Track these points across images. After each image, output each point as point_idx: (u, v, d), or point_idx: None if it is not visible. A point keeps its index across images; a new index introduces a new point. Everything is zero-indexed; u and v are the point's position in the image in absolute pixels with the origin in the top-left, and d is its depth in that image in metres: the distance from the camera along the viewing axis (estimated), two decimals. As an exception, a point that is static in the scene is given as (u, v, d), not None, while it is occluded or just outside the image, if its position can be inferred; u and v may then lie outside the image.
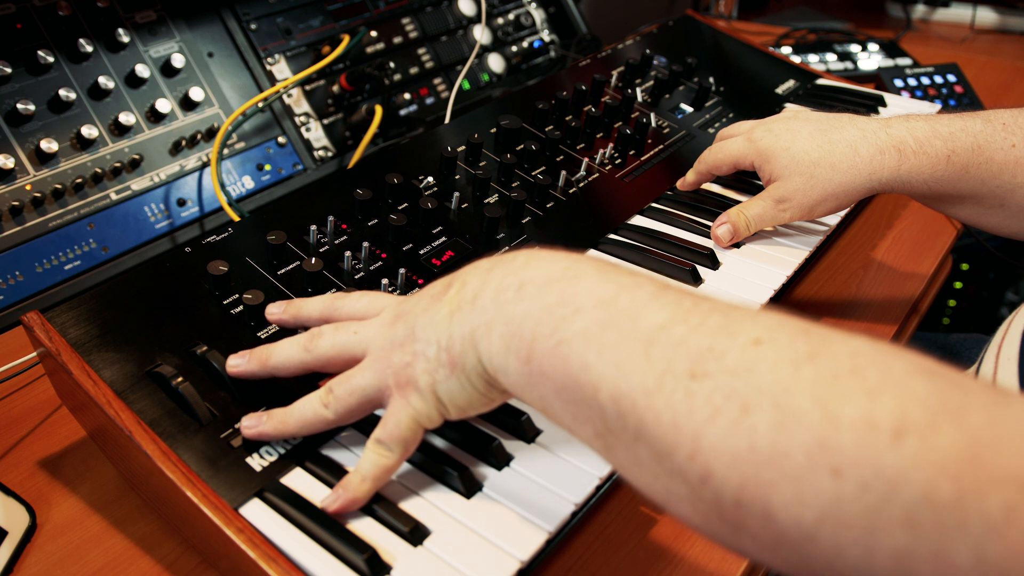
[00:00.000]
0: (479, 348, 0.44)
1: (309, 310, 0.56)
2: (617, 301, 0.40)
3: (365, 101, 1.06)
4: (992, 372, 0.56)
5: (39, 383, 0.70)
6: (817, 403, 0.32)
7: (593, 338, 0.39)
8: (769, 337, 0.35)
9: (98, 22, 0.87)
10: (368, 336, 0.50)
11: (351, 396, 0.49)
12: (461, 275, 0.47)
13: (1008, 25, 1.73)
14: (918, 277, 0.89)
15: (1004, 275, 1.60)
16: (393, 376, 0.47)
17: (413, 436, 0.48)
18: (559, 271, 0.43)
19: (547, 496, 0.50)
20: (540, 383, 0.41)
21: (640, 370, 0.37)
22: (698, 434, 0.34)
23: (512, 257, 0.46)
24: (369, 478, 0.48)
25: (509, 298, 0.43)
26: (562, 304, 0.41)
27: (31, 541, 0.56)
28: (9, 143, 0.80)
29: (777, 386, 0.33)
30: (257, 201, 0.95)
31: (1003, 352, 0.56)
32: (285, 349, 0.53)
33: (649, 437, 0.36)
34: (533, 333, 0.41)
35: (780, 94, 1.08)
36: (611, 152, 0.87)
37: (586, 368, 0.39)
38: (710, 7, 1.81)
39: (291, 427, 0.51)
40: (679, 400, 0.35)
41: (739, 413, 0.33)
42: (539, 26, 1.31)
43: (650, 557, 0.56)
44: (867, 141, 0.71)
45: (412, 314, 0.48)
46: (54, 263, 0.81)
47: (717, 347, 0.35)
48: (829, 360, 0.33)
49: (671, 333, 0.37)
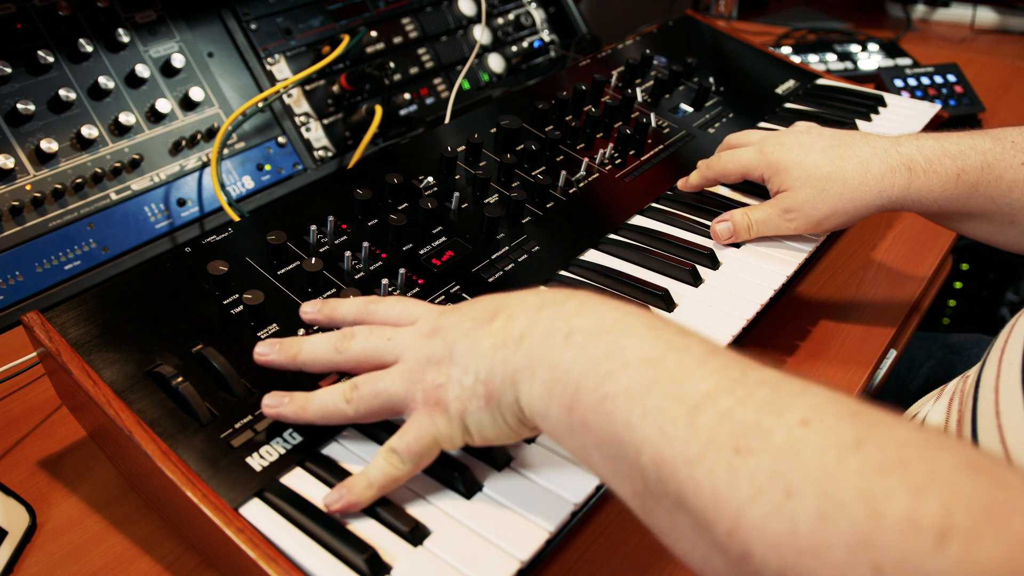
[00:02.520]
0: (519, 389, 0.44)
1: (343, 311, 0.55)
2: (665, 362, 0.39)
3: (365, 101, 1.06)
4: (995, 378, 0.56)
5: (39, 383, 0.70)
6: (862, 496, 0.31)
7: (638, 397, 0.39)
8: (816, 418, 0.34)
9: (98, 22, 0.87)
10: (402, 345, 0.49)
11: (375, 399, 0.49)
12: (508, 306, 0.47)
13: (1008, 25, 1.73)
14: (918, 277, 0.89)
15: (1004, 275, 1.60)
16: (423, 392, 0.47)
17: (429, 454, 0.48)
18: (609, 322, 0.43)
19: (547, 496, 0.50)
20: (581, 434, 0.41)
21: (683, 437, 0.36)
22: (739, 512, 0.34)
23: (564, 299, 0.45)
24: (376, 485, 0.48)
25: (556, 343, 0.43)
26: (609, 358, 0.41)
27: (31, 541, 0.56)
28: (9, 143, 0.80)
29: (823, 473, 0.32)
30: (257, 201, 0.95)
31: (1006, 357, 0.56)
32: (316, 346, 0.52)
33: (689, 507, 0.36)
34: (578, 384, 0.41)
35: (780, 94, 1.08)
36: (611, 152, 0.87)
37: (629, 428, 0.39)
38: (710, 7, 1.81)
39: (310, 414, 0.50)
40: (721, 474, 0.35)
41: (783, 496, 0.33)
42: (539, 26, 1.31)
43: (650, 557, 0.56)
44: (878, 159, 0.71)
45: (451, 333, 0.47)
46: (54, 263, 0.81)
47: (763, 424, 0.35)
48: (876, 449, 0.33)
49: (717, 403, 0.37)
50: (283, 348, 0.53)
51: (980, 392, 0.58)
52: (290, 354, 0.53)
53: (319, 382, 0.55)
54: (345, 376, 0.53)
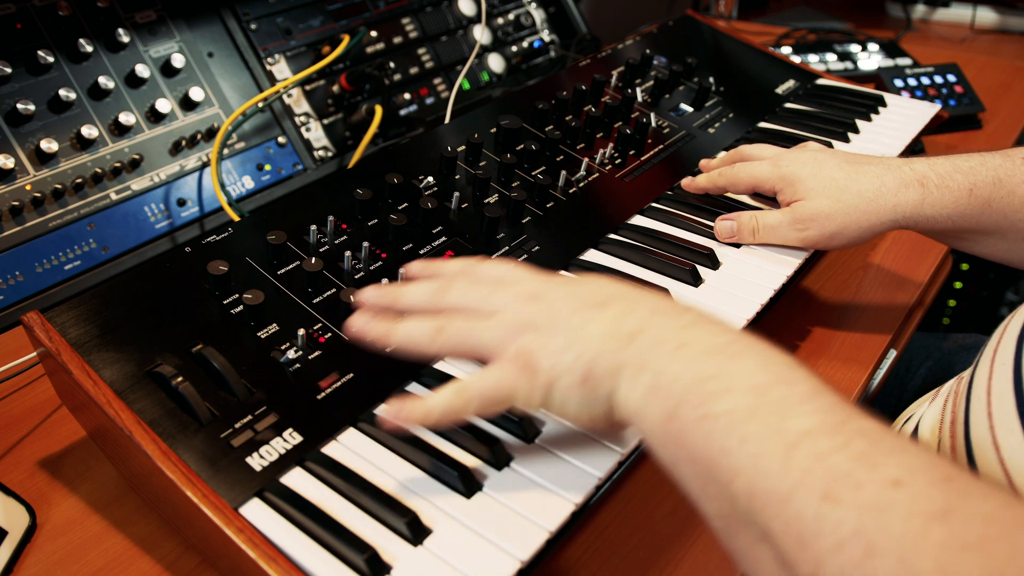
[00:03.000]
0: (619, 384, 0.45)
1: (448, 267, 0.55)
2: (770, 392, 0.40)
3: (365, 101, 1.06)
4: (987, 377, 0.56)
5: (39, 383, 0.70)
6: (939, 570, 0.32)
7: (738, 424, 0.39)
8: (909, 479, 0.35)
9: (98, 22, 0.87)
10: (501, 302, 0.50)
11: (464, 341, 0.49)
12: (622, 299, 0.48)
13: (1008, 25, 1.73)
14: (918, 277, 0.89)
15: (1004, 275, 1.60)
16: (515, 350, 0.47)
17: (499, 404, 0.48)
18: (721, 343, 0.43)
19: (547, 496, 0.50)
20: (675, 446, 0.42)
21: (776, 473, 0.37)
22: (820, 560, 0.35)
23: (681, 311, 0.47)
24: (434, 414, 0.48)
25: (665, 352, 0.43)
26: (715, 379, 0.41)
27: (31, 541, 0.56)
28: (9, 143, 0.80)
29: (905, 538, 0.33)
30: (257, 201, 0.95)
31: (998, 357, 0.55)
32: (415, 293, 0.53)
33: (775, 542, 0.37)
34: (680, 398, 0.42)
35: (780, 94, 1.08)
36: (611, 152, 0.87)
37: (725, 453, 0.39)
38: (710, 7, 1.81)
39: (394, 340, 0.51)
40: (808, 518, 0.35)
41: (863, 555, 0.33)
42: (539, 26, 1.31)
43: (650, 557, 0.56)
44: (891, 174, 0.71)
45: (556, 305, 0.48)
46: (54, 263, 0.81)
47: (856, 476, 0.35)
48: (961, 523, 0.33)
49: (815, 444, 0.37)
50: (385, 293, 0.54)
51: (973, 393, 0.58)
52: (391, 298, 0.53)
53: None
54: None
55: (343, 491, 0.50)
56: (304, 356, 0.58)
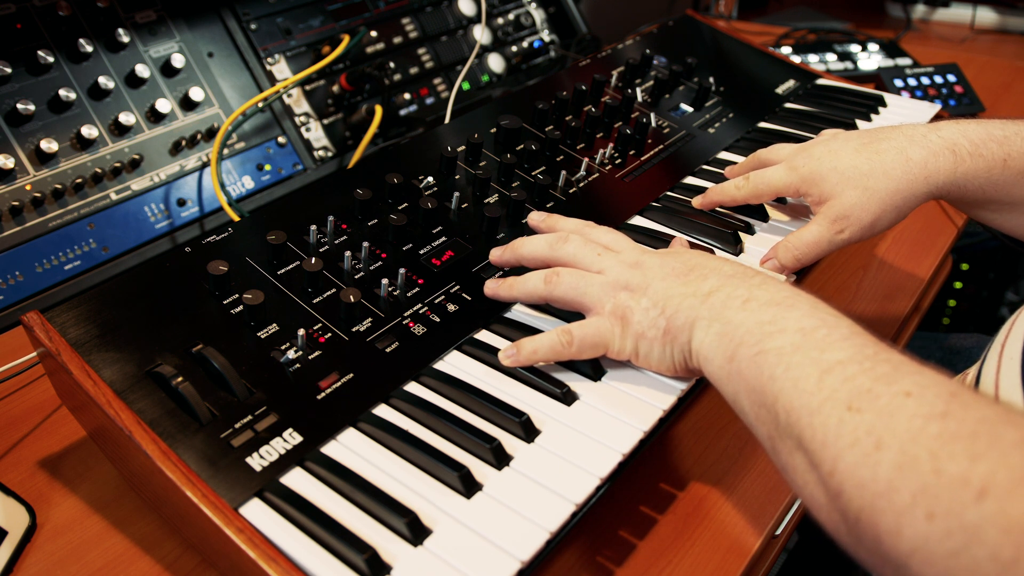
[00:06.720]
0: (695, 334, 0.53)
1: (564, 223, 0.68)
2: (815, 333, 0.47)
3: (365, 101, 1.06)
4: (995, 373, 0.56)
5: (39, 383, 0.70)
6: (931, 456, 0.38)
7: (784, 356, 0.47)
8: (919, 392, 0.41)
9: (98, 22, 0.87)
10: (606, 264, 0.60)
11: (573, 290, 0.59)
12: (703, 267, 0.57)
13: (1008, 25, 1.73)
14: (918, 277, 0.89)
15: (1004, 275, 1.60)
16: (613, 305, 0.58)
17: (594, 349, 0.58)
18: (780, 297, 0.51)
19: (547, 496, 0.50)
20: (736, 380, 0.50)
21: (810, 391, 0.44)
22: (838, 456, 0.42)
23: (752, 274, 0.55)
24: (539, 352, 0.58)
25: (735, 306, 0.52)
26: (771, 323, 0.49)
27: (31, 541, 0.56)
28: (9, 143, 0.80)
29: (907, 434, 0.39)
30: (257, 201, 0.95)
31: (1006, 352, 0.56)
32: (535, 243, 0.64)
33: (806, 448, 0.44)
34: (741, 339, 0.50)
35: (780, 94, 1.08)
36: (611, 152, 0.87)
37: (773, 379, 0.47)
38: (710, 7, 1.81)
39: (517, 291, 0.63)
40: (832, 424, 0.42)
41: (872, 448, 0.40)
42: (539, 26, 1.31)
43: (650, 557, 0.56)
44: (917, 144, 0.68)
45: (651, 272, 0.58)
46: (54, 263, 0.81)
47: (875, 390, 0.42)
48: (955, 422, 0.39)
49: (845, 369, 0.44)
50: (511, 247, 0.66)
51: (980, 388, 0.58)
52: (515, 249, 0.66)
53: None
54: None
55: (343, 491, 0.50)
56: (304, 356, 0.58)
